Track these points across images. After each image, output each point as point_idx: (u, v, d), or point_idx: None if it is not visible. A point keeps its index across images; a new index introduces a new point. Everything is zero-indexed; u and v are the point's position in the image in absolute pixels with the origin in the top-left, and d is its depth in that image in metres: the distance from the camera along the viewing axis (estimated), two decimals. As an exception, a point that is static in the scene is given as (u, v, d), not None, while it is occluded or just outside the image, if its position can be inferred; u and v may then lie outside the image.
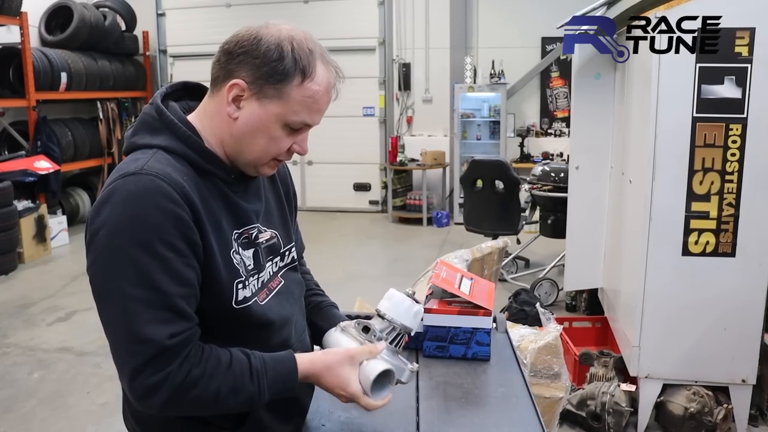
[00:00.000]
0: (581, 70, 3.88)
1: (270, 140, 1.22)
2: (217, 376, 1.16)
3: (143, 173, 1.13)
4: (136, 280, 1.09)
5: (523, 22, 8.62)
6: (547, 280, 5.32)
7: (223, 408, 1.18)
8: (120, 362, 1.13)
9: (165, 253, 1.11)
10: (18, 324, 5.02)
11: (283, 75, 1.17)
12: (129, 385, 1.12)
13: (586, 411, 3.24)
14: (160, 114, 1.23)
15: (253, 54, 1.18)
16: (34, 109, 7.29)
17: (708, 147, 2.86)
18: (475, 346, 1.70)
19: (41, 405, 3.70)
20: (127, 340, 1.11)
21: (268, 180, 1.42)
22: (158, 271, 1.10)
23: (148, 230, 1.10)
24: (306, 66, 1.18)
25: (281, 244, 1.40)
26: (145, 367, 1.10)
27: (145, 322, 1.09)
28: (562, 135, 8.65)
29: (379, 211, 9.38)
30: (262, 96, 1.19)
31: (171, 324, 1.11)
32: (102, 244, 1.11)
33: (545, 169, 5.67)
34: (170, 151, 1.20)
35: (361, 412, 1.42)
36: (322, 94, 1.22)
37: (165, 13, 9.79)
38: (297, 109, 1.20)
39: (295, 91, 1.19)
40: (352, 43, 9.05)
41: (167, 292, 1.11)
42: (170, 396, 1.12)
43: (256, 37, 1.18)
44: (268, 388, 1.20)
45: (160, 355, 1.10)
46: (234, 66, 1.19)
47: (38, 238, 6.95)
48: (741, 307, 2.99)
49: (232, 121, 1.22)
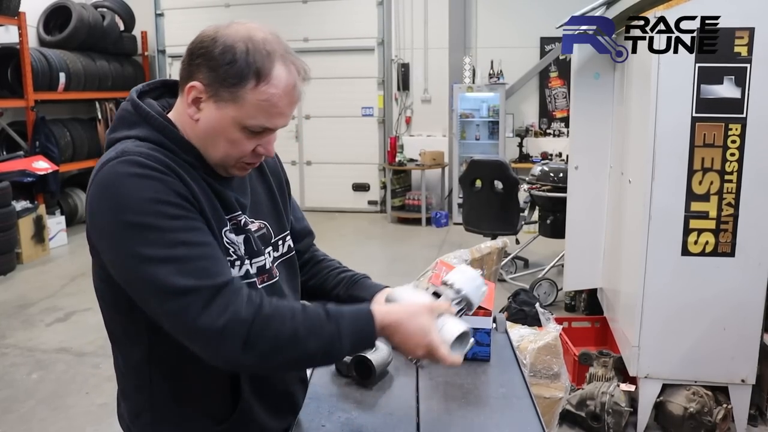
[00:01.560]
0: (580, 70, 3.88)
1: (230, 143, 1.20)
2: (291, 316, 1.14)
3: (126, 155, 1.14)
4: (159, 243, 1.09)
5: (521, 22, 8.62)
6: (546, 280, 5.32)
7: (304, 351, 1.14)
8: (180, 328, 1.11)
9: (175, 212, 1.11)
10: (17, 324, 5.01)
11: (236, 78, 1.14)
12: (199, 342, 1.10)
13: (586, 411, 3.24)
14: (136, 107, 1.23)
15: (208, 56, 1.15)
16: (32, 110, 7.29)
17: (707, 147, 2.86)
18: (474, 346, 1.69)
19: (40, 405, 3.69)
20: (174, 298, 1.09)
21: (256, 171, 1.40)
22: (177, 228, 1.11)
23: (149, 198, 1.10)
24: (260, 69, 1.14)
25: (272, 235, 1.39)
26: (202, 314, 1.08)
27: (184, 273, 1.09)
28: (560, 135, 8.65)
29: (377, 212, 9.38)
30: (219, 99, 1.17)
31: (208, 267, 1.11)
32: (112, 228, 1.11)
33: (544, 169, 5.67)
34: (147, 140, 1.20)
35: (361, 413, 1.42)
36: (280, 97, 1.17)
37: (163, 13, 9.79)
38: (253, 113, 1.17)
39: (250, 95, 1.15)
40: (350, 43, 9.05)
41: (193, 242, 1.11)
42: (243, 337, 1.09)
43: (213, 38, 1.16)
44: (347, 329, 1.17)
45: (212, 297, 1.09)
46: (194, 68, 1.18)
47: (37, 239, 6.94)
48: (740, 307, 2.99)
49: (194, 123, 1.21)
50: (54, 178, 7.25)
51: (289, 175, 1.55)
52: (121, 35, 9.07)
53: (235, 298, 1.11)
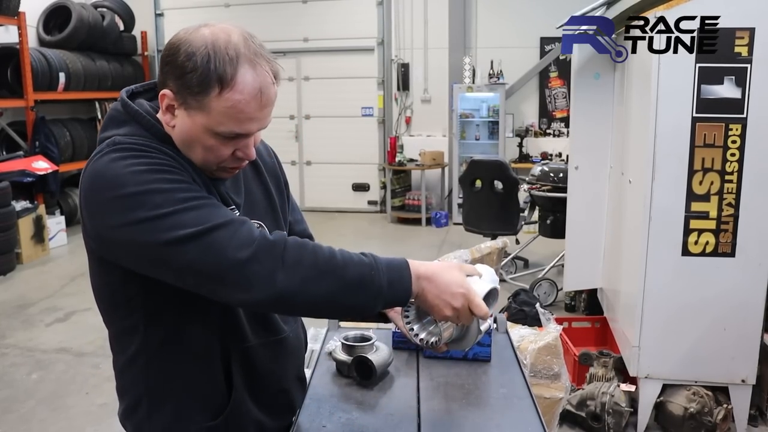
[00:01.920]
0: (581, 70, 3.88)
1: (206, 150, 1.18)
2: (323, 246, 1.14)
3: (118, 143, 1.15)
4: (168, 201, 1.09)
5: (521, 23, 8.63)
6: (546, 280, 5.32)
7: (342, 279, 1.11)
8: (210, 268, 1.08)
9: (174, 177, 1.12)
10: (16, 324, 5.01)
11: (200, 86, 1.12)
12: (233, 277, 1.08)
13: (586, 411, 3.24)
14: (125, 107, 1.23)
15: (174, 64, 1.14)
16: (32, 110, 7.28)
17: (708, 147, 2.86)
18: (475, 347, 1.69)
19: (40, 405, 3.69)
20: (194, 240, 1.07)
21: (252, 171, 1.39)
22: (180, 189, 1.11)
23: (146, 170, 1.11)
24: (223, 75, 1.11)
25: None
26: (229, 245, 1.07)
27: (200, 217, 1.09)
28: (560, 135, 8.66)
29: (377, 212, 9.38)
30: (187, 107, 1.15)
31: (225, 212, 1.12)
32: (115, 205, 1.09)
33: (544, 170, 5.67)
34: (135, 137, 1.19)
35: (362, 413, 1.42)
36: (247, 103, 1.13)
37: (163, 13, 9.79)
38: (221, 120, 1.14)
39: (215, 103, 1.12)
40: (350, 43, 9.05)
41: (201, 196, 1.12)
42: (279, 259, 1.08)
43: (177, 46, 1.14)
44: (384, 264, 1.16)
45: (238, 228, 1.09)
46: (164, 75, 1.17)
47: (36, 239, 6.94)
48: (740, 307, 2.99)
49: (171, 129, 1.20)
50: (54, 178, 7.24)
51: (288, 175, 1.54)
52: (120, 35, 9.07)
53: (257, 230, 1.11)
